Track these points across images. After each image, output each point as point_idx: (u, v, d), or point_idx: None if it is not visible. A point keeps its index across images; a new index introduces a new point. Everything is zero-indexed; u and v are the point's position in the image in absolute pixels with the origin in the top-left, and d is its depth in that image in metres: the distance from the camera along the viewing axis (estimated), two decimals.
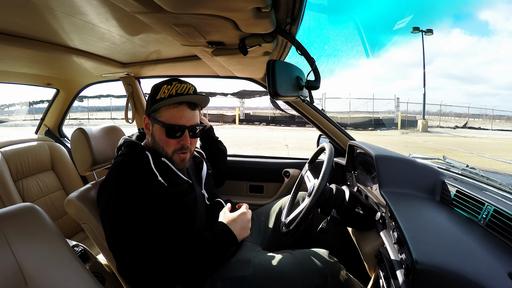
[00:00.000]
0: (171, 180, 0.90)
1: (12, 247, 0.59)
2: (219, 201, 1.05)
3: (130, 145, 0.92)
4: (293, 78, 0.74)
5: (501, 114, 22.57)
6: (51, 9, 0.76)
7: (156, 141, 0.90)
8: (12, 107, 23.85)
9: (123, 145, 0.95)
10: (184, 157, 0.92)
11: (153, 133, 0.91)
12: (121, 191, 0.81)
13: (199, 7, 0.56)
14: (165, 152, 0.90)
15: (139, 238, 0.77)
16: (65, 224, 1.62)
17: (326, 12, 24.39)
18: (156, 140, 0.90)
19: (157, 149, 0.91)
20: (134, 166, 0.85)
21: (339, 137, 1.46)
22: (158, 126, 0.88)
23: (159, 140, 0.89)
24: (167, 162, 0.91)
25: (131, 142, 0.93)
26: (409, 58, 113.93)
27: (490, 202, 0.67)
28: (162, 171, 0.89)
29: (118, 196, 0.80)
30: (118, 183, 0.82)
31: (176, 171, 0.93)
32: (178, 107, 0.87)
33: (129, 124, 1.76)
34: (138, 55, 1.32)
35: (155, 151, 0.92)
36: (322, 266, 0.86)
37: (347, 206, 0.91)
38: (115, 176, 0.83)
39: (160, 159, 0.91)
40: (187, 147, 0.91)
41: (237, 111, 17.71)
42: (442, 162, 1.12)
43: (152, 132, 0.91)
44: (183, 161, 0.92)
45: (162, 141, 0.89)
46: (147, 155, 0.89)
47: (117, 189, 0.81)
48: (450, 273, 0.51)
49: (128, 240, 0.76)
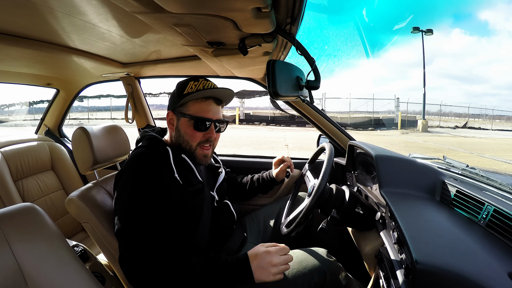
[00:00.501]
0: (187, 178, 0.90)
1: (12, 247, 0.59)
2: (226, 203, 1.05)
3: (151, 139, 0.93)
4: (293, 78, 0.74)
5: (501, 114, 22.63)
6: (51, 9, 0.76)
7: (181, 134, 0.91)
8: (12, 107, 23.90)
9: (143, 138, 0.95)
10: (207, 153, 0.93)
11: (179, 127, 0.91)
12: (137, 181, 0.80)
13: (199, 7, 0.56)
14: (190, 146, 0.91)
15: (148, 231, 0.76)
16: (65, 224, 1.62)
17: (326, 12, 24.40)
18: (182, 133, 0.91)
19: (181, 143, 0.92)
20: (153, 159, 0.85)
21: (339, 137, 1.46)
22: (185, 120, 0.90)
23: (185, 134, 0.90)
24: (186, 159, 0.92)
25: (152, 136, 0.94)
26: (409, 58, 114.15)
27: (490, 202, 0.67)
28: (180, 168, 0.89)
29: (133, 186, 0.80)
30: (135, 174, 0.82)
31: (194, 169, 0.93)
32: (206, 101, 0.90)
33: (129, 124, 1.77)
34: (138, 55, 1.32)
35: (176, 147, 0.92)
36: (321, 265, 0.86)
37: (347, 206, 0.91)
38: (133, 166, 0.83)
39: (180, 155, 0.91)
40: (212, 141, 0.92)
41: (237, 111, 17.72)
42: (442, 162, 1.12)
43: (177, 126, 0.92)
44: (205, 156, 0.93)
45: (188, 134, 0.90)
46: (168, 150, 0.89)
47: (133, 179, 0.81)
48: (450, 273, 0.51)
49: (136, 231, 0.76)
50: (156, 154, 0.87)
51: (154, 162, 0.84)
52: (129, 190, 0.80)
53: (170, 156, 0.88)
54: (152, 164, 0.84)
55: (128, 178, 0.82)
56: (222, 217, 0.99)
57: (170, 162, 0.87)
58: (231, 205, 1.05)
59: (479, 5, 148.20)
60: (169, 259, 0.75)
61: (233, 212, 1.05)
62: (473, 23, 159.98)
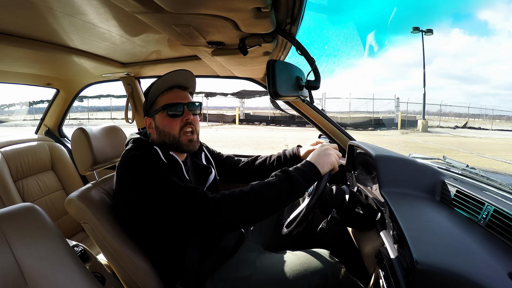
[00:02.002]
0: (177, 176, 0.89)
1: (12, 247, 0.59)
2: None
3: (138, 141, 0.92)
4: (293, 78, 0.74)
5: (501, 114, 22.62)
6: (51, 9, 0.76)
7: (161, 130, 0.91)
8: (12, 107, 23.90)
9: (129, 141, 0.94)
10: (192, 137, 0.93)
11: (157, 125, 0.92)
12: (143, 172, 0.78)
13: (199, 7, 0.56)
14: (173, 136, 0.91)
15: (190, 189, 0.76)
16: (65, 224, 1.62)
17: (326, 12, 24.41)
18: (161, 129, 0.91)
19: (165, 140, 0.91)
20: (145, 158, 0.83)
21: (339, 137, 1.46)
22: (159, 114, 0.90)
23: (164, 126, 0.90)
24: (174, 156, 0.91)
25: (138, 138, 0.93)
26: (409, 58, 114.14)
27: (490, 202, 0.67)
28: (171, 166, 0.88)
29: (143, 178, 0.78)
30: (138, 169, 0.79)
31: (182, 166, 0.93)
32: (171, 91, 0.92)
33: (129, 124, 1.77)
34: (138, 55, 1.32)
35: (163, 146, 0.92)
36: (323, 267, 0.86)
37: (347, 206, 0.91)
38: (129, 167, 0.81)
39: (168, 153, 0.90)
40: (191, 123, 0.92)
41: (237, 111, 17.71)
42: (442, 162, 1.12)
43: (156, 126, 0.92)
44: (191, 141, 0.92)
45: (167, 126, 0.90)
46: (156, 149, 0.88)
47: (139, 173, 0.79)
48: (450, 273, 0.51)
49: (183, 198, 0.75)
50: (146, 154, 0.86)
51: (147, 160, 0.82)
52: (143, 183, 0.78)
53: (160, 154, 0.87)
54: (146, 161, 0.82)
55: (136, 174, 0.80)
56: None
57: (161, 159, 0.86)
58: None
59: (479, 4, 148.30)
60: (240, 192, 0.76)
61: None
62: (473, 22, 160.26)
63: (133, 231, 0.89)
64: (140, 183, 0.78)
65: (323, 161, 0.84)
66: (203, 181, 1.03)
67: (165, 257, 0.88)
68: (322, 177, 0.84)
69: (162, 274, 0.89)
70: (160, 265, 0.89)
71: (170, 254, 0.88)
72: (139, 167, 0.80)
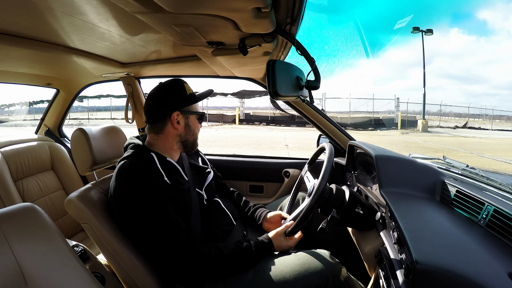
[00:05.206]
0: (176, 179, 0.94)
1: (12, 247, 0.59)
2: (217, 201, 1.06)
3: (136, 147, 0.94)
4: (293, 78, 0.74)
5: (501, 114, 22.59)
6: (51, 9, 0.76)
7: (191, 129, 1.00)
8: (12, 107, 23.88)
9: (127, 146, 0.97)
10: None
11: (189, 124, 0.99)
12: (133, 195, 0.83)
13: (199, 7, 0.56)
14: (195, 136, 1.03)
15: (173, 229, 0.83)
16: (65, 224, 1.62)
17: (326, 12, 24.41)
18: (192, 128, 1.00)
19: (187, 136, 1.00)
20: (140, 169, 0.86)
21: (339, 137, 1.46)
22: (194, 116, 1.00)
23: (195, 128, 1.01)
24: (171, 162, 0.96)
25: (136, 144, 0.95)
26: (409, 58, 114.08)
27: (490, 202, 0.67)
28: (167, 171, 0.92)
29: (132, 200, 0.83)
30: (128, 190, 0.84)
31: (180, 169, 0.97)
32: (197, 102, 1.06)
33: (129, 124, 1.77)
34: (138, 55, 1.32)
35: (159, 153, 0.95)
36: (324, 267, 0.86)
37: (347, 206, 0.91)
38: (121, 184, 0.85)
39: (165, 159, 0.95)
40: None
41: (237, 111, 17.71)
42: (442, 162, 1.12)
43: (188, 124, 0.99)
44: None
45: (197, 128, 1.02)
46: (152, 156, 0.92)
47: (129, 195, 0.84)
48: (450, 273, 0.51)
49: (164, 235, 0.82)
50: (143, 162, 0.89)
51: (142, 172, 0.86)
52: (131, 206, 0.83)
53: (156, 162, 0.91)
54: (141, 174, 0.85)
55: (125, 195, 0.84)
56: (214, 215, 1.01)
57: (157, 167, 0.90)
58: (222, 203, 1.06)
59: (478, 4, 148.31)
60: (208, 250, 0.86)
61: (226, 210, 1.06)
62: (472, 22, 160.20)
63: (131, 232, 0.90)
64: (129, 203, 0.83)
65: (283, 245, 0.97)
66: (202, 180, 1.07)
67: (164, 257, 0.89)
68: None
69: (162, 274, 0.89)
70: (160, 265, 0.89)
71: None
72: (131, 186, 0.84)
